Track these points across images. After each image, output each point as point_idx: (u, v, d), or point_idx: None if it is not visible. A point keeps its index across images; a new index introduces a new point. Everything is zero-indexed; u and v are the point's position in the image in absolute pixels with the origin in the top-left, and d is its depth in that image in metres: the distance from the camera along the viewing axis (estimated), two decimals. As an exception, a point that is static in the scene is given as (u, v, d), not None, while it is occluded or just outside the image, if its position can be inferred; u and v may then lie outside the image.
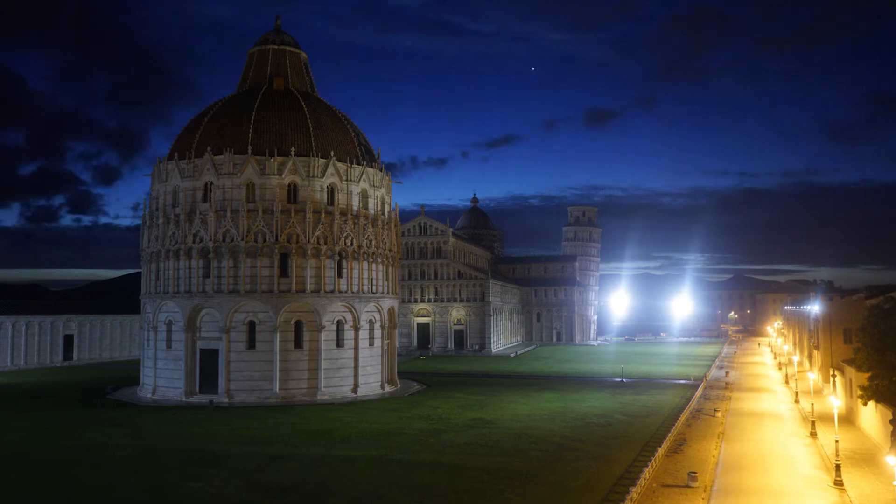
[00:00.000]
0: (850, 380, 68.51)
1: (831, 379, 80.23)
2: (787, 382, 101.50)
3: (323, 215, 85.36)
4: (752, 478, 47.68)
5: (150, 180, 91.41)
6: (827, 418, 67.24)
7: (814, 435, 61.96)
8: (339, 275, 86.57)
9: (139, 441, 59.22)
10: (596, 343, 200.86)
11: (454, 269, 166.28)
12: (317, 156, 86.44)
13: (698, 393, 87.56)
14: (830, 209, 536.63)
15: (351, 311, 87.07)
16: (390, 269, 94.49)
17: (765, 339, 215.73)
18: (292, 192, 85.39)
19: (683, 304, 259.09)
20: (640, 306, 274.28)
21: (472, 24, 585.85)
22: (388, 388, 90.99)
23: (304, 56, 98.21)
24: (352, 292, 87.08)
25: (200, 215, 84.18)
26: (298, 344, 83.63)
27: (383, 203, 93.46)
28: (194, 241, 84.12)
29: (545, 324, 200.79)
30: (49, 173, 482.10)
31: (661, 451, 52.75)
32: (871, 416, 60.32)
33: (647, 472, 46.48)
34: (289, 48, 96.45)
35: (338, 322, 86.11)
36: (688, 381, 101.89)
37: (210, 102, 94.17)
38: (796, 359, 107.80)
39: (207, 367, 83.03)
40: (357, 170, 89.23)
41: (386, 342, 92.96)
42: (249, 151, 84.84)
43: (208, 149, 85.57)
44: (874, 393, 55.41)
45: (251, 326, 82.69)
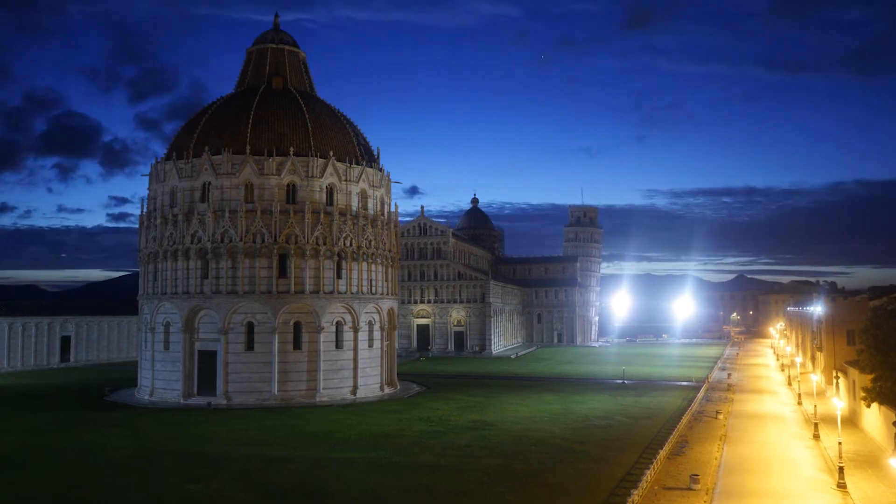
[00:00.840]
0: (854, 381, 68.22)
1: (834, 380, 79.79)
2: (789, 384, 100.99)
3: (322, 216, 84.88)
4: (754, 480, 47.38)
5: (148, 180, 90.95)
6: (830, 420, 66.54)
7: (817, 437, 61.63)
8: (339, 275, 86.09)
9: (137, 443, 58.91)
10: (597, 344, 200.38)
11: (454, 269, 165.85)
12: (316, 156, 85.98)
13: (700, 395, 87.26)
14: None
15: (350, 312, 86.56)
16: (390, 269, 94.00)
17: (767, 341, 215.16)
18: (291, 192, 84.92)
19: (685, 305, 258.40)
20: (641, 307, 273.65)
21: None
22: (387, 390, 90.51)
23: (302, 55, 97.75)
24: (351, 293, 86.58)
25: (198, 216, 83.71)
26: (297, 345, 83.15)
27: (383, 203, 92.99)
28: (192, 242, 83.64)
29: (546, 325, 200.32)
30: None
31: (662, 454, 52.47)
32: (874, 417, 59.95)
33: (649, 475, 46.23)
34: (288, 47, 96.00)
35: (337, 323, 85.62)
36: (690, 383, 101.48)
37: (208, 101, 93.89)
38: (799, 360, 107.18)
39: (205, 368, 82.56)
40: (356, 170, 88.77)
41: (385, 343, 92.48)
42: (248, 151, 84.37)
43: (206, 149, 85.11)
44: (878, 395, 55.18)
45: (250, 328, 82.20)
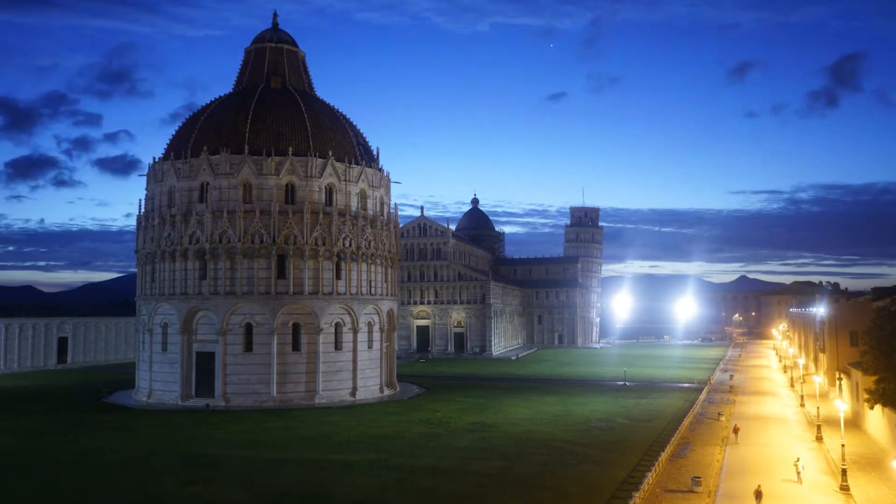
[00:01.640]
0: (857, 383, 67.89)
1: (837, 382, 79.40)
2: (792, 386, 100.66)
3: (321, 216, 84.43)
4: (756, 482, 46.57)
5: (146, 180, 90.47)
6: (833, 422, 66.73)
7: (819, 439, 61.42)
8: (338, 276, 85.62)
9: (134, 445, 58.67)
10: (598, 346, 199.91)
11: (454, 270, 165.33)
12: (315, 155, 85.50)
13: (702, 396, 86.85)
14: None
15: (349, 314, 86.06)
16: (389, 270, 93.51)
17: (770, 342, 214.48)
18: (290, 192, 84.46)
19: (687, 306, 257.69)
20: (643, 308, 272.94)
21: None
22: (387, 392, 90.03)
23: (301, 54, 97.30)
24: (350, 294, 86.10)
25: (197, 216, 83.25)
26: (296, 347, 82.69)
27: (382, 203, 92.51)
28: (190, 243, 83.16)
29: (546, 326, 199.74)
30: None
31: (664, 456, 52.29)
32: (877, 419, 59.70)
33: (651, 477, 46.05)
34: (286, 46, 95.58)
35: (336, 324, 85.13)
36: (692, 385, 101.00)
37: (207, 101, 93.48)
38: (802, 362, 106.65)
39: (204, 370, 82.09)
40: (356, 170, 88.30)
41: (385, 345, 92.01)
42: (246, 151, 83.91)
43: (205, 148, 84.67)
44: (881, 396, 55.00)
45: (248, 329, 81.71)
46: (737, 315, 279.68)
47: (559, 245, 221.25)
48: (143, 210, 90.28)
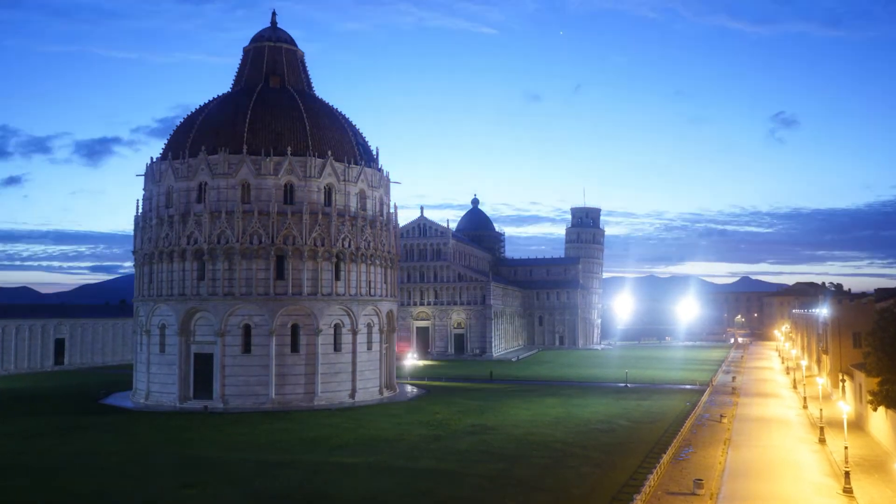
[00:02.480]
0: (860, 385, 67.61)
1: (840, 384, 79.03)
2: (795, 387, 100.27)
3: (320, 216, 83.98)
4: (759, 485, 47.02)
5: (144, 181, 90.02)
6: (836, 424, 66.40)
7: (822, 441, 61.13)
8: (337, 277, 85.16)
9: (132, 447, 58.37)
10: (599, 347, 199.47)
11: (454, 271, 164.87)
12: (314, 155, 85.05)
13: (704, 398, 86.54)
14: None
15: (349, 315, 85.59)
16: (389, 271, 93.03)
17: (772, 343, 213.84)
18: (289, 192, 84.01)
19: (689, 307, 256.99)
20: (644, 309, 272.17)
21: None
22: (386, 394, 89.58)
23: (300, 53, 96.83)
24: (349, 295, 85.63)
25: (195, 216, 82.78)
26: (295, 348, 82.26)
27: (382, 204, 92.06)
28: (188, 243, 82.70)
29: (547, 327, 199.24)
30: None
31: (665, 458, 52.00)
32: (881, 421, 59.40)
33: (652, 479, 45.77)
34: (285, 45, 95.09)
35: (335, 326, 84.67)
36: (693, 386, 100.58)
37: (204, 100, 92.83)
38: (804, 363, 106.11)
39: (202, 371, 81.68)
40: (355, 170, 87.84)
41: (384, 346, 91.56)
42: (245, 151, 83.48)
43: (203, 148, 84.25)
44: (884, 398, 54.60)
45: (247, 330, 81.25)
46: (739, 316, 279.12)
47: (560, 246, 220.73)
48: (140, 210, 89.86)
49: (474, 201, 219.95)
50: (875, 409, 58.49)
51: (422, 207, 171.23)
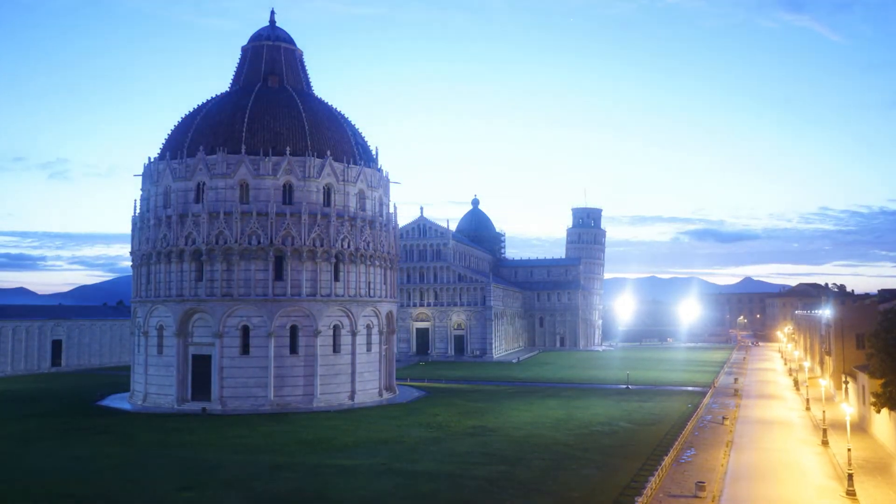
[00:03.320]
0: (863, 386, 67.34)
1: (843, 385, 78.73)
2: (797, 389, 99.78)
3: (319, 217, 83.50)
4: (761, 488, 46.82)
5: (141, 181, 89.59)
6: (839, 426, 65.98)
7: (825, 443, 60.83)
8: (336, 278, 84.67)
9: (129, 450, 58.01)
10: (600, 348, 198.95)
11: (454, 272, 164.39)
12: (313, 155, 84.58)
13: (706, 400, 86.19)
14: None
15: (348, 316, 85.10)
16: (388, 272, 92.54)
17: (775, 345, 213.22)
18: (287, 192, 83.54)
19: (691, 308, 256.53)
20: (646, 311, 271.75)
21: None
22: (386, 395, 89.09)
23: (299, 52, 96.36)
24: (349, 296, 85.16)
25: (193, 217, 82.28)
26: (294, 349, 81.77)
27: (381, 204, 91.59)
28: (186, 244, 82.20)
29: (548, 329, 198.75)
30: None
31: (667, 460, 51.75)
32: (884, 423, 59.10)
33: (653, 482, 45.57)
34: (284, 44, 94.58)
35: (334, 327, 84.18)
36: (695, 388, 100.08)
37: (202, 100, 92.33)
38: (807, 365, 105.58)
39: (200, 373, 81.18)
40: (354, 170, 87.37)
41: (384, 347, 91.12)
42: (243, 151, 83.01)
43: (201, 148, 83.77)
44: (888, 400, 54.23)
45: (245, 331, 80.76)
46: (741, 317, 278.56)
47: (561, 246, 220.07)
48: (138, 211, 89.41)
49: (474, 201, 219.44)
50: (878, 411, 58.18)
51: (421, 207, 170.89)
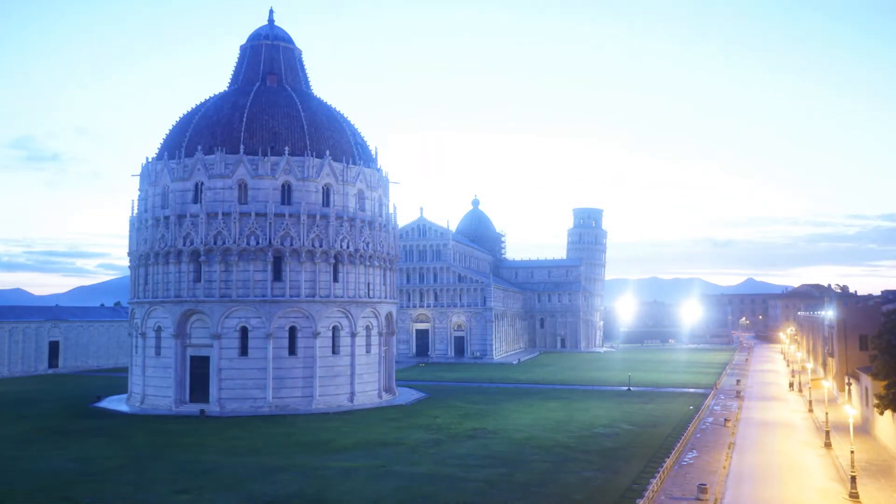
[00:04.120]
0: (866, 388, 66.99)
1: (846, 387, 78.36)
2: (800, 391, 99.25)
3: (318, 217, 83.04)
4: (763, 490, 46.65)
5: (139, 181, 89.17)
6: (842, 428, 65.63)
7: (828, 445, 60.47)
8: (335, 279, 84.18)
9: (127, 452, 57.77)
10: (602, 350, 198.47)
11: (454, 272, 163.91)
12: (312, 155, 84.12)
13: (708, 402, 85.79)
14: None
15: (347, 317, 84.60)
16: (388, 273, 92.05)
17: (777, 346, 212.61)
18: (286, 193, 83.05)
19: (692, 309, 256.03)
20: (647, 312, 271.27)
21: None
22: (385, 397, 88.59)
23: (298, 51, 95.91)
24: (348, 297, 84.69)
25: (191, 217, 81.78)
26: (292, 351, 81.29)
27: (381, 204, 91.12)
28: (184, 245, 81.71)
29: (549, 330, 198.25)
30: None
31: (669, 463, 51.54)
32: (887, 425, 58.70)
33: (655, 485, 45.46)
34: (282, 43, 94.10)
35: (333, 328, 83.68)
36: (697, 390, 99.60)
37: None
38: (810, 366, 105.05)
39: (198, 374, 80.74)
40: (353, 170, 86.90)
41: (383, 349, 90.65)
42: (242, 151, 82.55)
43: (199, 148, 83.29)
44: (891, 402, 54.11)
45: (243, 333, 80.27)
46: (744, 318, 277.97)
47: (562, 247, 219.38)
48: (135, 211, 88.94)
49: (474, 202, 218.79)
50: (882, 413, 57.93)
51: (421, 208, 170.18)
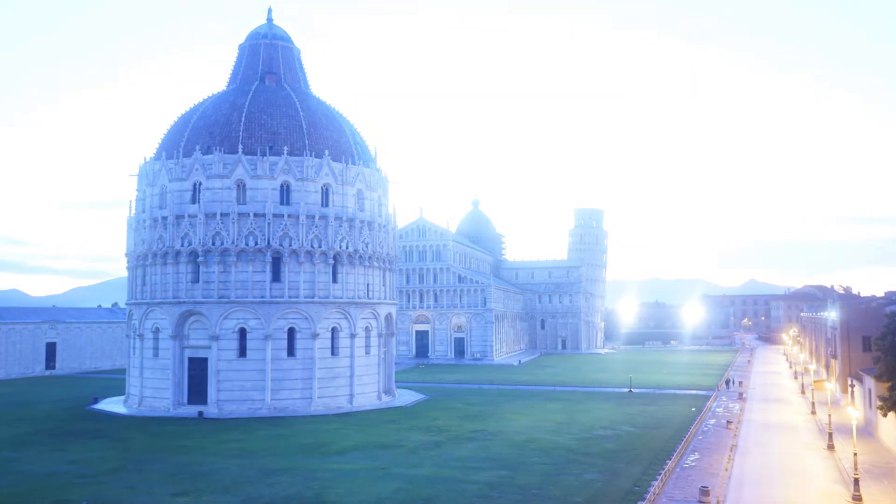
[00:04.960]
0: (870, 390, 66.61)
1: (849, 389, 77.96)
2: (803, 392, 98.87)
3: (317, 218, 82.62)
4: (766, 492, 46.45)
5: (137, 181, 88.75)
6: (845, 430, 65.61)
7: (831, 447, 60.15)
8: (334, 280, 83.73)
9: (125, 454, 57.56)
10: (603, 351, 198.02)
11: (454, 273, 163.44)
12: (311, 155, 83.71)
13: (710, 403, 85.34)
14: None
15: (346, 318, 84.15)
16: (387, 273, 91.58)
17: (780, 347, 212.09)
18: (285, 193, 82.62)
19: (694, 310, 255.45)
20: (648, 313, 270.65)
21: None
22: (385, 399, 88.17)
23: (297, 50, 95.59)
24: (347, 298, 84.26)
25: (189, 218, 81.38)
26: (291, 352, 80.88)
27: (380, 205, 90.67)
28: (183, 245, 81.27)
29: (549, 331, 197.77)
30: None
31: (670, 465, 51.27)
32: (891, 427, 58.37)
33: (657, 487, 45.18)
34: (281, 43, 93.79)
35: (332, 329, 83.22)
36: (699, 391, 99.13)
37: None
38: (813, 368, 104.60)
39: (196, 376, 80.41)
40: (353, 170, 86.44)
41: (383, 350, 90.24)
42: (240, 151, 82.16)
43: (197, 148, 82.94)
44: (894, 404, 53.59)
45: (242, 334, 79.86)
46: (746, 320, 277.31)
47: (563, 248, 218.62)
48: (133, 212, 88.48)
49: (475, 202, 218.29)
50: (885, 415, 57.52)
51: (421, 208, 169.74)
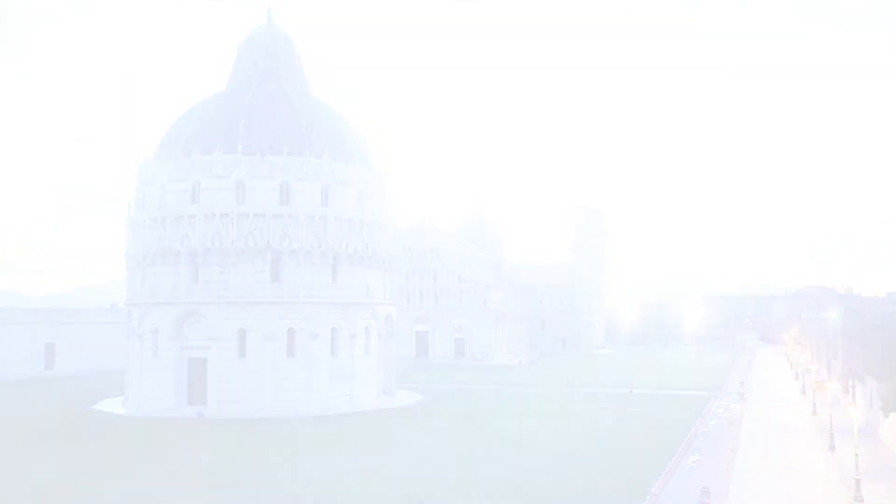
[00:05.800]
0: (871, 390, 66.03)
1: (851, 389, 77.45)
2: (804, 393, 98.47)
3: (317, 218, 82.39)
4: (767, 493, 46.26)
5: (136, 181, 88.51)
6: (846, 431, 64.84)
7: (833, 448, 59.79)
8: (334, 280, 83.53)
9: (123, 456, 57.41)
10: (603, 351, 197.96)
11: (454, 273, 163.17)
12: (310, 155, 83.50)
13: (711, 404, 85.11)
14: None
15: (346, 319, 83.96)
16: (387, 274, 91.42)
17: (781, 348, 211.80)
18: (284, 193, 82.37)
19: (695, 310, 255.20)
20: (649, 313, 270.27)
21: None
22: (385, 399, 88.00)
23: (297, 50, 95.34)
24: (347, 299, 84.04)
25: (188, 218, 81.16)
26: (291, 353, 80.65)
27: (380, 205, 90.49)
28: (182, 246, 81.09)
29: (550, 331, 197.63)
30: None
31: (671, 465, 51.28)
32: (893, 428, 58.12)
33: (657, 487, 45.12)
34: (281, 43, 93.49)
35: (332, 330, 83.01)
36: (700, 392, 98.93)
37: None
38: (814, 368, 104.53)
39: (196, 377, 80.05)
40: (353, 170, 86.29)
41: (383, 351, 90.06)
42: (240, 151, 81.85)
43: (196, 148, 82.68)
44: (896, 404, 53.13)
45: (241, 335, 79.55)
46: (747, 320, 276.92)
47: (564, 248, 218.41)
48: (132, 212, 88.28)
49: (475, 202, 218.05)
50: (887, 416, 57.80)
51: (421, 208, 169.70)
